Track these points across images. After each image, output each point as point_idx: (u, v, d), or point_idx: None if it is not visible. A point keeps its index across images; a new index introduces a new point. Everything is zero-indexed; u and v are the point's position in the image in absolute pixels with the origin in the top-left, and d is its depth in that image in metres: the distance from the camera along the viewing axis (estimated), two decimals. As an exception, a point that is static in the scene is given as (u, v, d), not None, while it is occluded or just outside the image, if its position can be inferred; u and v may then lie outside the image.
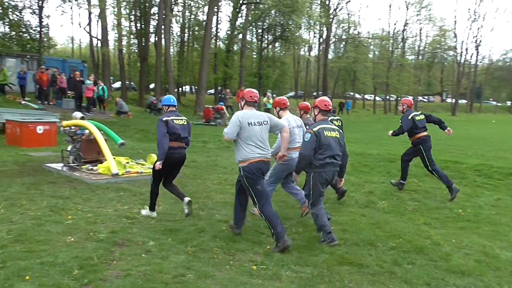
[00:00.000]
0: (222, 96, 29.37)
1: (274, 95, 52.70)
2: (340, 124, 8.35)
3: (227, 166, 11.84)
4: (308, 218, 6.95)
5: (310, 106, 7.31)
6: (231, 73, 38.17)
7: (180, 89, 46.06)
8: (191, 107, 35.09)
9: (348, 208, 7.88)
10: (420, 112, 9.44)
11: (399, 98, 57.98)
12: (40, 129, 14.52)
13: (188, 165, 11.53)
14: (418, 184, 10.08)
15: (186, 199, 6.74)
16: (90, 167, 10.01)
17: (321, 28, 49.70)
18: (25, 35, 27.99)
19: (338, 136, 6.09)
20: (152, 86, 43.30)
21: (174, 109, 6.96)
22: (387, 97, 56.44)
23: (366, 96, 65.05)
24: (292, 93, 66.13)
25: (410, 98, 13.31)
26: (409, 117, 9.01)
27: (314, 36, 59.67)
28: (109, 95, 27.21)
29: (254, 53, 46.94)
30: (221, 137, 16.44)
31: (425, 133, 9.09)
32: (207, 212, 7.12)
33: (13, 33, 25.78)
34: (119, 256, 5.05)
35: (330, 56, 55.61)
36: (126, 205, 7.35)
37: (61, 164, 10.46)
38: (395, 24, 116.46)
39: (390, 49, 57.04)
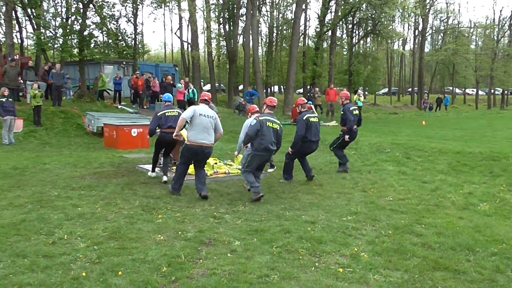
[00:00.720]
0: (311, 95, 29.19)
1: (366, 93, 51.63)
2: (317, 121, 9.88)
3: (314, 166, 11.76)
4: (398, 221, 6.73)
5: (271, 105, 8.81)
6: (320, 71, 37.88)
7: (269, 89, 46.63)
8: (279, 107, 35.32)
9: (444, 210, 7.50)
10: (356, 108, 11.14)
11: (506, 92, 54.22)
12: (134, 132, 15.43)
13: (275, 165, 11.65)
14: (526, 185, 9.33)
15: (165, 177, 9.36)
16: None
17: (417, 20, 47.79)
18: (121, 42, 29.90)
19: (277, 128, 8.17)
20: (241, 87, 44.24)
21: (170, 103, 9.52)
22: (492, 90, 52.90)
23: (467, 91, 61.55)
24: (385, 90, 64.35)
25: (345, 90, 14.62)
26: (350, 109, 10.77)
27: (409, 29, 57.68)
28: (198, 98, 28.18)
29: (344, 49, 46.24)
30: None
31: (355, 126, 10.82)
32: (293, 212, 7.13)
33: (110, 41, 27.56)
34: (205, 255, 5.22)
35: (426, 49, 53.30)
36: (214, 205, 7.58)
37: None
38: (501, 11, 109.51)
39: (495, 38, 53.39)
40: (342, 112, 10.91)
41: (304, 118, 9.63)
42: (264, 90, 39.33)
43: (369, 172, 10.97)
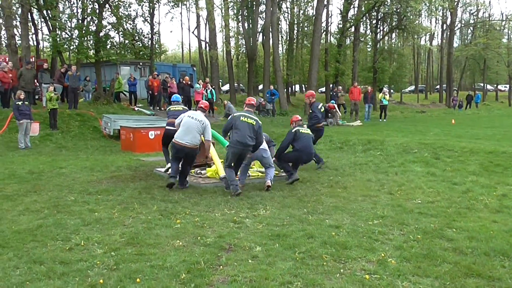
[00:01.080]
0: (334, 93, 29.07)
1: (392, 91, 51.04)
2: (308, 133, 10.55)
3: (338, 168, 11.70)
4: (427, 225, 6.64)
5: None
6: (343, 69, 37.64)
7: (290, 88, 46.51)
8: (301, 107, 35.24)
9: (476, 213, 7.37)
10: (323, 105, 12.88)
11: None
12: (152, 134, 15.56)
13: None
14: None
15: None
16: (198, 171, 10.50)
17: (444, 14, 47.17)
18: (138, 43, 30.11)
19: (253, 123, 8.95)
20: (260, 86, 44.16)
21: (178, 103, 11.24)
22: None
23: (500, 87, 60.46)
24: (411, 87, 63.67)
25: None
26: (319, 107, 12.38)
27: (436, 23, 56.94)
28: (217, 98, 28.26)
29: (368, 46, 45.87)
30: (332, 137, 16.34)
31: (323, 123, 12.57)
32: (316, 217, 7.09)
33: (127, 41, 27.79)
34: (225, 261, 5.21)
35: (455, 44, 52.62)
36: (233, 209, 7.59)
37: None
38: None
39: (529, 31, 52.35)
40: (310, 111, 12.45)
41: (293, 130, 10.44)
42: (285, 90, 39.22)
43: (395, 173, 10.87)
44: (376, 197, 8.53)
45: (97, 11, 24.12)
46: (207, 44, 38.85)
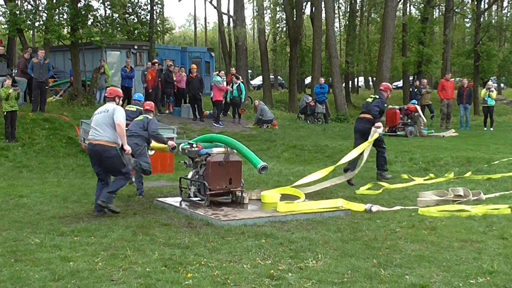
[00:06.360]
0: (416, 90, 28.81)
1: (502, 85, 50.28)
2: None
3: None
4: None
5: None
6: (430, 53, 37.27)
7: (350, 82, 46.35)
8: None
9: None
10: None
11: None
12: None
13: (361, 197, 11.53)
14: None
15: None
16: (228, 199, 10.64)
17: None
18: (132, 17, 30.37)
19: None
20: (308, 80, 44.14)
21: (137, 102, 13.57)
22: None
23: None
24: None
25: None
26: None
27: None
28: (246, 97, 28.33)
29: (467, 20, 45.47)
30: (414, 154, 16.20)
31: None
32: (391, 271, 7.00)
33: (116, 16, 28.00)
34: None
35: None
36: (269, 258, 7.55)
37: (179, 198, 11.18)
38: None
39: None
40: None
41: None
42: (344, 84, 39.09)
43: (510, 207, 10.69)
44: (481, 242, 8.38)
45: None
46: (231, 19, 39.13)
